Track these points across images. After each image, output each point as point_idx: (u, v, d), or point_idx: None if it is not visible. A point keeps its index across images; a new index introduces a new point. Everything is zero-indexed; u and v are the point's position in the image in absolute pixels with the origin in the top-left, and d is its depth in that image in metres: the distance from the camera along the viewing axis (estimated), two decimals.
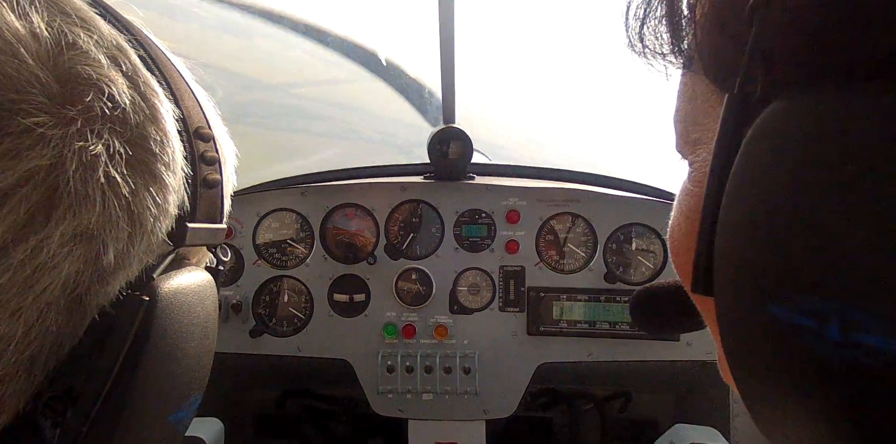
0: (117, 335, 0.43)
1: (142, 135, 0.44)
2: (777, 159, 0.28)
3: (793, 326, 0.27)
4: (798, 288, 0.27)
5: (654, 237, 1.69)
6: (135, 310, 0.43)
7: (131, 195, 0.42)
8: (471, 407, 1.68)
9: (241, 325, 1.69)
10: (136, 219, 0.43)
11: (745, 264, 0.30)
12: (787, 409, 0.30)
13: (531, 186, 1.71)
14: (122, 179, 0.42)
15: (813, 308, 0.26)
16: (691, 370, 2.00)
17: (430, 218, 1.72)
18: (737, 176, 0.31)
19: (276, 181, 1.98)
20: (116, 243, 0.41)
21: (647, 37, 0.40)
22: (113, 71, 0.43)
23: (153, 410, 0.47)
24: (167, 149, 0.46)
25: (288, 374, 2.14)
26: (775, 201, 0.28)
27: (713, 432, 1.46)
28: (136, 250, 0.44)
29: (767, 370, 0.31)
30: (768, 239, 0.28)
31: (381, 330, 1.69)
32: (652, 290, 0.58)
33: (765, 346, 0.30)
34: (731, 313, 0.33)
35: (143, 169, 0.43)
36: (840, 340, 0.25)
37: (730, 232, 0.32)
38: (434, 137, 1.67)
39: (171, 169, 0.46)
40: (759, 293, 0.29)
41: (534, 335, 1.67)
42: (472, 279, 1.71)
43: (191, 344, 0.50)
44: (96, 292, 0.42)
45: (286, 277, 1.72)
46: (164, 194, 0.45)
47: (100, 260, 0.41)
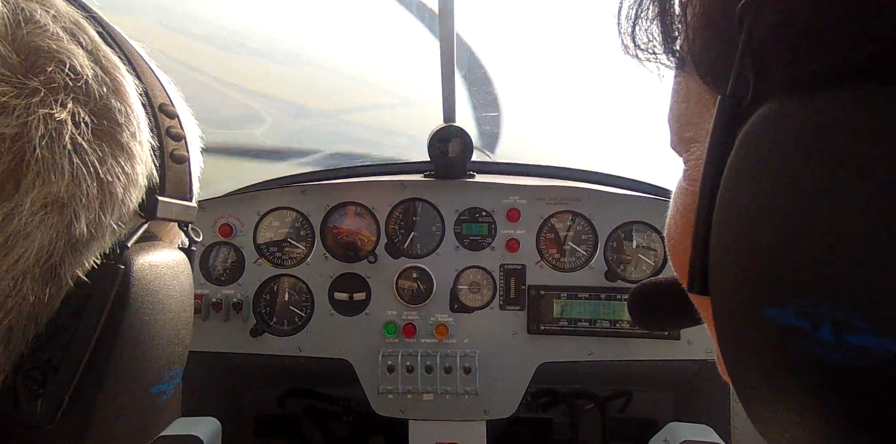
0: (94, 304, 0.43)
1: (106, 106, 0.44)
2: (768, 162, 0.28)
3: (786, 327, 0.27)
4: (790, 290, 0.27)
5: (654, 235, 1.68)
6: (111, 279, 0.44)
7: (99, 163, 0.43)
8: (471, 407, 1.67)
9: (241, 324, 1.69)
10: (106, 188, 0.43)
11: (739, 266, 0.31)
12: (782, 408, 0.31)
13: (531, 185, 1.71)
14: (90, 147, 0.42)
15: (805, 310, 0.26)
16: (692, 369, 2.00)
17: (431, 216, 1.72)
18: (730, 178, 0.31)
19: (277, 180, 1.98)
20: (88, 211, 0.42)
21: (639, 37, 0.40)
22: (73, 45, 0.43)
23: (134, 380, 0.48)
24: (132, 120, 0.46)
25: (288, 373, 2.14)
26: (767, 203, 0.28)
27: (707, 429, 1.46)
28: (108, 219, 0.44)
29: (762, 371, 0.31)
30: (761, 241, 0.29)
31: (381, 329, 1.69)
32: (650, 286, 0.58)
33: (759, 347, 0.30)
34: (726, 314, 0.33)
35: (110, 139, 0.44)
36: (832, 341, 0.25)
37: (724, 234, 0.32)
38: (434, 136, 1.67)
39: (138, 140, 0.47)
40: (752, 295, 0.30)
41: (534, 334, 1.67)
42: (473, 278, 1.71)
43: (168, 316, 0.51)
44: (70, 261, 0.42)
45: (287, 276, 1.72)
46: (132, 164, 0.46)
47: (72, 229, 0.41)
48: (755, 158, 0.29)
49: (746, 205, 0.30)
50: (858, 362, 0.25)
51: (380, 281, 1.70)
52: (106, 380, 0.45)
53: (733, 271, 0.31)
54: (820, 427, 0.28)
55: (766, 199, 0.28)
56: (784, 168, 0.27)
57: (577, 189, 1.71)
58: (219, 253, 1.72)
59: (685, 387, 2.07)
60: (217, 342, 1.69)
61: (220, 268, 1.71)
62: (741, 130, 0.30)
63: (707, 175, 0.33)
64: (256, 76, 2.55)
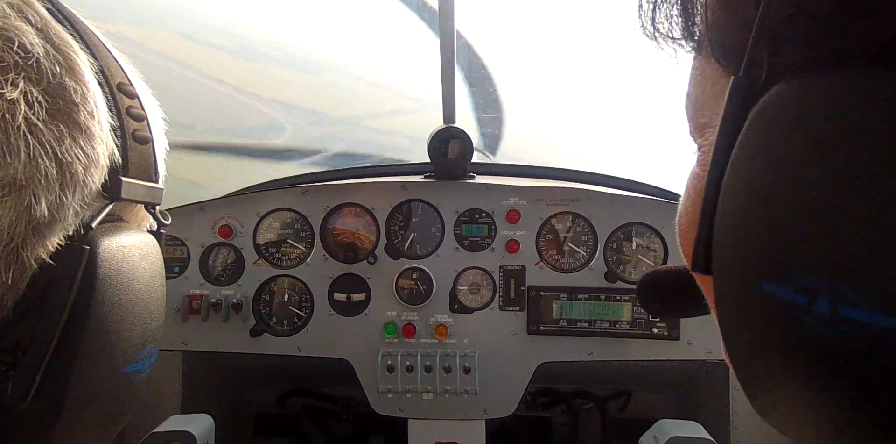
0: (60, 286, 0.44)
1: (60, 85, 0.43)
2: (777, 140, 0.29)
3: (783, 302, 0.28)
4: (789, 265, 0.28)
5: (654, 236, 1.69)
6: (76, 260, 0.44)
7: (57, 143, 0.42)
8: (471, 407, 1.68)
9: (241, 324, 1.69)
10: (66, 168, 0.43)
11: (741, 242, 0.31)
12: (779, 383, 0.31)
13: (531, 186, 1.72)
14: (45, 127, 0.42)
15: (803, 285, 0.27)
16: (691, 369, 2.00)
17: (431, 217, 1.73)
18: (738, 157, 0.32)
19: (277, 181, 1.99)
20: (48, 193, 0.42)
21: (659, 20, 0.40)
22: (20, 22, 0.42)
23: (106, 359, 0.48)
24: (89, 99, 0.46)
25: (288, 373, 2.15)
26: (773, 180, 0.29)
27: (696, 425, 1.47)
28: (70, 200, 0.44)
29: (759, 346, 0.32)
30: (763, 217, 0.29)
31: (381, 329, 1.70)
32: (660, 273, 0.58)
33: (757, 322, 0.31)
34: (726, 291, 0.34)
35: (67, 118, 0.44)
36: (828, 315, 0.26)
37: (728, 211, 0.32)
38: (434, 137, 1.67)
39: (96, 119, 0.46)
40: (752, 271, 0.30)
41: (534, 335, 1.67)
42: (473, 278, 1.71)
43: (138, 296, 0.51)
44: (33, 244, 0.42)
45: (286, 276, 1.72)
46: (91, 144, 0.45)
47: (33, 211, 0.41)
48: (764, 136, 0.30)
49: (752, 182, 0.30)
50: (852, 337, 0.25)
51: (379, 282, 1.71)
52: (77, 360, 0.45)
53: (735, 247, 0.32)
54: (814, 401, 0.29)
55: (772, 176, 0.29)
56: (792, 146, 0.28)
57: (576, 190, 1.71)
58: (218, 254, 1.72)
59: (684, 387, 2.07)
60: (217, 343, 1.69)
61: (220, 268, 1.72)
62: (752, 110, 0.31)
63: (717, 154, 0.33)
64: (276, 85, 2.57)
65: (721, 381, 1.87)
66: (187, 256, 1.70)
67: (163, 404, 1.88)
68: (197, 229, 1.70)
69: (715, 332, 1.38)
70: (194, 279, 1.70)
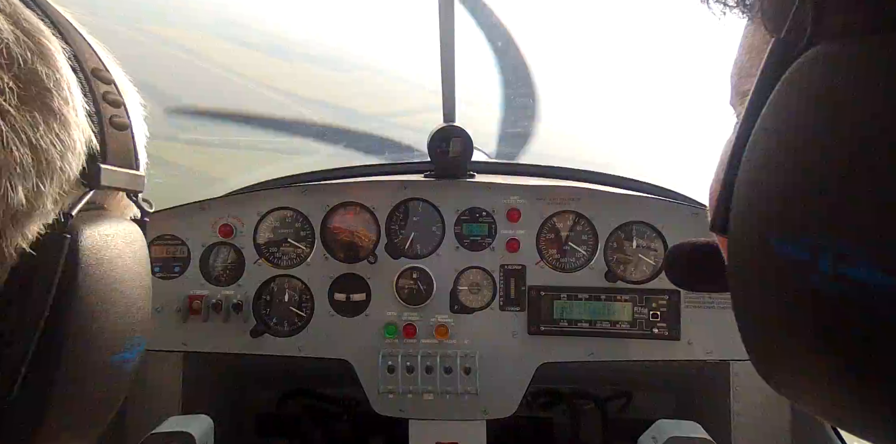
0: (42, 276, 0.43)
1: (32, 70, 0.43)
2: (804, 99, 0.30)
3: (790, 259, 0.29)
4: (798, 223, 0.29)
5: (654, 235, 1.68)
6: (57, 249, 0.44)
7: (31, 130, 0.41)
8: (471, 407, 1.67)
9: (241, 324, 1.68)
10: (42, 155, 0.42)
11: (757, 199, 0.32)
12: (782, 342, 0.32)
13: (532, 185, 1.71)
14: (17, 113, 0.41)
15: (810, 242, 0.28)
16: (692, 369, 2.00)
17: (431, 217, 1.72)
18: (767, 114, 0.32)
19: (277, 180, 1.98)
20: (24, 180, 0.41)
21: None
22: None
23: (92, 349, 0.48)
24: (63, 84, 0.45)
25: (288, 374, 2.14)
26: (795, 137, 0.30)
27: (694, 425, 1.46)
28: (48, 188, 0.43)
29: (764, 303, 0.33)
30: (781, 173, 0.30)
31: (381, 330, 1.69)
32: (688, 244, 0.58)
33: (765, 280, 0.32)
34: (739, 249, 0.35)
35: (40, 104, 0.43)
36: (830, 272, 0.27)
37: (750, 167, 0.33)
38: (434, 136, 1.67)
39: (71, 105, 0.45)
40: (764, 227, 0.31)
41: (534, 335, 1.67)
42: (473, 278, 1.71)
43: (123, 285, 0.51)
44: (12, 234, 0.42)
45: (287, 276, 1.71)
46: (67, 131, 0.44)
47: (9, 199, 0.40)
48: (794, 95, 0.30)
49: (776, 139, 0.31)
50: (853, 295, 0.26)
51: (380, 282, 1.70)
52: (63, 350, 0.44)
53: (751, 204, 0.33)
54: (816, 359, 0.30)
55: (796, 133, 0.30)
56: (819, 106, 0.29)
57: (577, 189, 1.71)
58: (219, 253, 1.72)
59: (685, 388, 2.07)
60: (217, 343, 1.69)
61: (220, 268, 1.71)
62: (788, 70, 0.31)
63: (749, 113, 0.34)
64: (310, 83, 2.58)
65: (721, 381, 1.87)
66: (188, 255, 1.70)
67: (163, 404, 1.87)
68: (197, 228, 1.70)
69: (715, 332, 1.39)
70: (195, 279, 1.69)
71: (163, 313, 1.68)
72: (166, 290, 1.68)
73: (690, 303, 1.65)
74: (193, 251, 1.70)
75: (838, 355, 0.28)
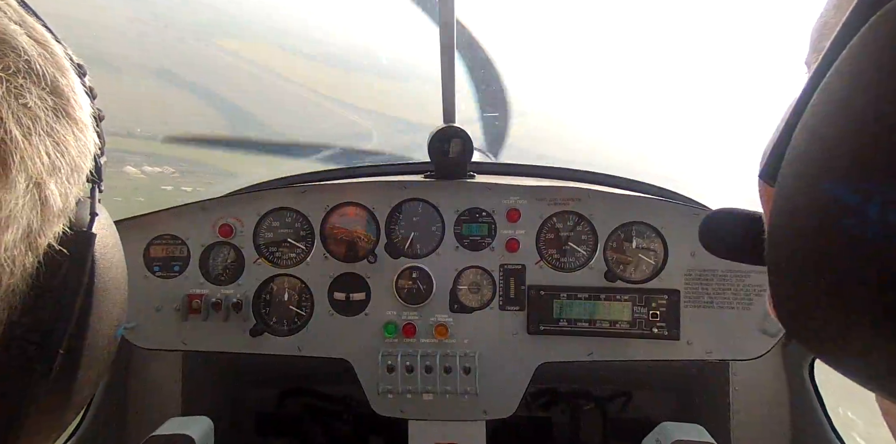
0: (76, 271, 0.48)
1: (55, 81, 0.45)
2: (884, 46, 0.29)
3: (838, 202, 0.29)
4: (855, 167, 0.29)
5: (654, 236, 1.68)
6: (86, 245, 0.50)
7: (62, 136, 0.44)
8: (471, 407, 1.68)
9: (241, 324, 1.69)
10: (72, 161, 0.46)
11: (817, 144, 0.32)
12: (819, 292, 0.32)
13: (532, 185, 1.71)
14: (59, 126, 0.44)
15: (863, 187, 0.28)
16: (691, 369, 2.00)
17: (431, 217, 1.72)
18: (843, 61, 0.32)
19: (277, 180, 1.99)
20: (59, 185, 0.45)
21: None
22: (6, 20, 0.43)
23: (106, 327, 0.54)
24: (76, 91, 0.47)
25: (288, 373, 2.14)
26: (868, 85, 0.30)
27: (699, 428, 1.46)
28: (74, 188, 0.47)
29: (803, 245, 0.33)
30: (849, 118, 0.30)
31: (381, 329, 1.69)
32: (726, 212, 0.58)
33: (808, 220, 0.32)
34: (785, 195, 0.35)
35: (67, 116, 0.46)
36: (878, 217, 0.27)
37: (814, 112, 0.34)
38: (434, 136, 1.67)
39: (83, 110, 0.48)
40: (816, 171, 0.32)
41: (534, 334, 1.67)
42: (473, 278, 1.71)
43: (120, 269, 0.57)
44: (45, 233, 0.45)
45: (287, 275, 1.72)
46: (85, 134, 0.48)
47: (48, 202, 0.44)
48: (873, 42, 0.30)
49: (849, 84, 0.31)
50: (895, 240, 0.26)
51: (379, 281, 1.70)
52: (89, 332, 0.51)
53: (808, 150, 0.33)
54: (848, 303, 0.30)
55: (872, 77, 0.29)
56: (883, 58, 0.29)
57: (577, 189, 1.71)
58: (219, 253, 1.72)
59: (685, 387, 2.07)
60: (217, 342, 1.69)
61: (220, 268, 1.71)
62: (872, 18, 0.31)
63: (823, 61, 0.35)
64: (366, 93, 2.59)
65: (721, 381, 1.87)
66: (187, 255, 1.70)
67: (163, 403, 1.88)
68: (197, 228, 1.70)
69: (715, 332, 1.38)
70: (194, 279, 1.70)
71: (162, 312, 1.68)
72: (166, 289, 1.68)
73: (690, 303, 1.65)
74: (193, 251, 1.70)
75: (878, 302, 0.28)
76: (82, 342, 0.50)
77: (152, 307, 1.68)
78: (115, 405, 1.83)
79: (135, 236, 1.69)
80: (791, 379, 1.83)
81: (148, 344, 1.69)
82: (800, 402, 1.79)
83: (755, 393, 1.85)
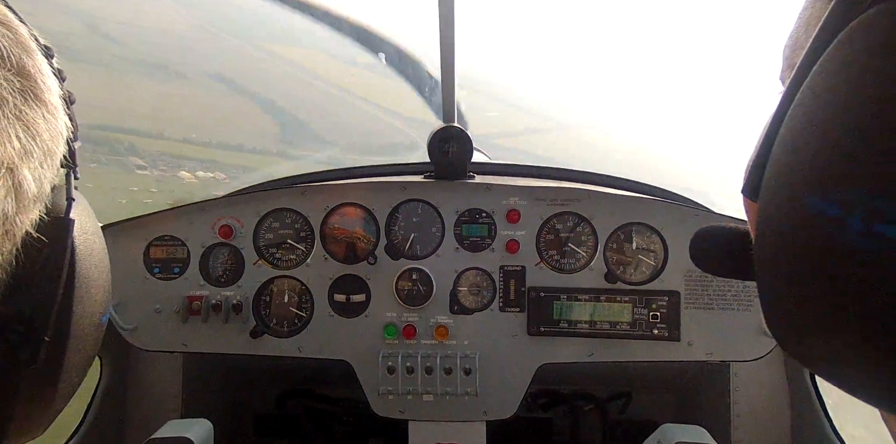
0: (55, 258, 0.48)
1: (21, 64, 0.44)
2: (859, 55, 0.30)
3: (822, 215, 0.30)
4: (835, 179, 0.29)
5: (654, 236, 1.68)
6: (64, 231, 0.49)
7: (31, 119, 0.44)
8: (471, 408, 1.67)
9: (241, 325, 1.68)
10: (44, 145, 0.45)
11: (796, 157, 0.33)
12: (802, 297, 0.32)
13: (532, 186, 1.71)
14: (21, 105, 0.43)
15: (843, 198, 0.28)
16: (691, 370, 2.00)
17: (431, 218, 1.72)
18: (816, 72, 0.33)
19: (277, 181, 1.98)
20: (32, 169, 0.44)
21: None
22: None
23: (89, 314, 0.54)
24: (43, 70, 0.46)
25: (288, 374, 2.14)
26: (844, 95, 0.30)
27: (700, 430, 1.46)
28: (48, 173, 0.47)
29: (790, 258, 0.33)
30: (825, 131, 0.30)
31: (381, 330, 1.69)
32: (716, 228, 0.59)
33: (792, 234, 0.32)
34: (768, 209, 0.35)
35: (33, 95, 0.45)
36: (861, 229, 0.27)
37: (791, 126, 0.34)
38: (434, 137, 1.67)
39: (53, 91, 0.48)
40: (796, 184, 0.32)
41: (534, 335, 1.67)
42: (473, 279, 1.71)
43: (100, 256, 0.57)
44: (22, 219, 0.45)
45: (287, 277, 1.71)
46: (55, 118, 0.47)
47: (22, 188, 0.43)
48: (849, 51, 0.30)
49: (823, 97, 0.31)
50: (881, 251, 0.26)
51: (379, 282, 1.70)
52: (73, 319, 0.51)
53: (787, 163, 0.33)
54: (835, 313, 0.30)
55: (846, 90, 0.30)
56: (874, 62, 0.29)
57: (577, 190, 1.71)
58: (219, 254, 1.71)
59: (685, 388, 2.07)
60: (217, 344, 1.69)
61: (220, 270, 1.71)
62: (845, 29, 0.31)
63: (796, 77, 0.35)
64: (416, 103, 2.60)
65: (722, 382, 1.87)
66: (187, 256, 1.70)
67: (163, 405, 1.87)
68: (197, 229, 1.70)
69: (715, 333, 1.38)
70: (194, 280, 1.69)
71: (162, 314, 1.68)
72: (166, 290, 1.68)
73: (690, 304, 1.65)
74: (193, 252, 1.70)
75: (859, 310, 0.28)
76: (67, 329, 0.50)
77: (152, 309, 1.67)
78: (114, 408, 1.83)
79: (135, 237, 1.69)
80: (792, 380, 1.82)
81: (148, 346, 1.68)
82: (800, 403, 1.78)
83: (756, 394, 1.85)
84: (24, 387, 0.48)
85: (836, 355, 0.32)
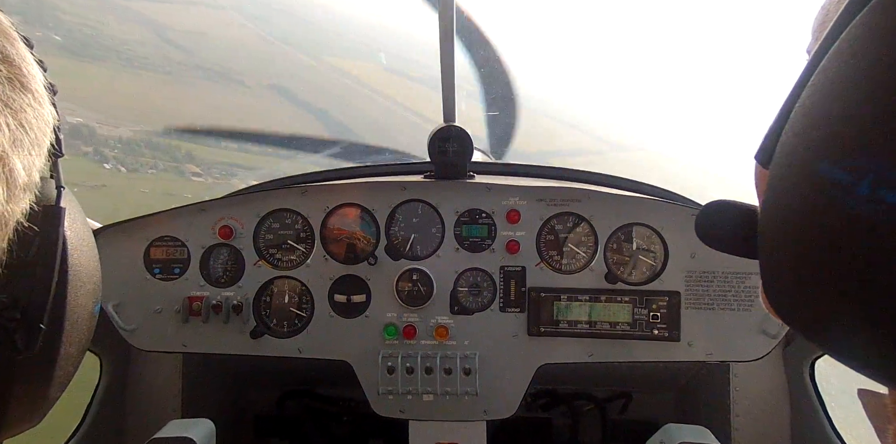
0: (48, 246, 0.49)
1: (4, 50, 0.44)
2: (885, 25, 0.30)
3: (830, 180, 0.30)
4: (848, 146, 0.29)
5: (654, 237, 1.68)
6: (56, 220, 0.50)
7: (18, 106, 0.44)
8: (471, 408, 1.67)
9: (241, 326, 1.68)
10: (33, 133, 0.46)
11: (811, 124, 0.33)
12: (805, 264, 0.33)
13: (531, 186, 1.71)
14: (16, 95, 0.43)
15: (855, 165, 0.29)
16: (692, 370, 2.00)
17: (431, 218, 1.72)
18: (843, 41, 0.33)
19: (277, 181, 1.98)
20: (22, 158, 0.44)
21: None
22: None
23: (83, 304, 0.55)
24: (26, 58, 0.47)
25: (289, 375, 2.14)
26: (868, 63, 0.30)
27: (703, 431, 1.46)
28: (37, 161, 0.47)
29: (795, 224, 0.33)
30: (841, 99, 0.31)
31: (381, 331, 1.69)
32: (722, 204, 0.58)
33: (800, 200, 0.33)
34: (781, 175, 0.36)
35: (17, 83, 0.45)
36: (868, 195, 0.28)
37: (810, 94, 0.34)
38: (434, 136, 1.67)
39: (37, 79, 0.48)
40: (810, 150, 0.32)
41: (534, 336, 1.67)
42: (473, 280, 1.71)
43: (90, 246, 0.57)
44: (13, 208, 0.45)
45: (287, 277, 1.71)
46: (41, 106, 0.48)
47: (12, 177, 0.43)
48: (875, 21, 0.31)
49: (846, 66, 0.32)
50: (886, 217, 0.27)
51: (380, 283, 1.70)
52: (67, 308, 0.51)
53: (803, 130, 0.34)
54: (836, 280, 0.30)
55: (869, 57, 0.30)
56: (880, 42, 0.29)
57: (577, 190, 1.70)
58: (219, 255, 1.71)
59: (685, 389, 2.07)
60: (217, 344, 1.68)
61: (220, 270, 1.71)
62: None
63: (825, 42, 0.35)
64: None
65: (721, 382, 1.87)
66: (188, 257, 1.70)
67: (163, 405, 1.87)
68: (197, 229, 1.70)
69: (715, 334, 1.38)
70: (194, 281, 1.69)
71: (162, 315, 1.68)
72: (166, 291, 1.68)
73: (690, 305, 1.65)
74: (193, 253, 1.70)
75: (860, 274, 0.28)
76: (62, 317, 0.51)
77: (152, 310, 1.67)
78: (114, 408, 1.83)
79: (135, 238, 1.69)
80: (791, 380, 1.82)
81: (148, 346, 1.68)
82: (800, 403, 1.78)
83: (756, 394, 1.85)
84: (20, 374, 0.49)
85: (837, 324, 0.32)
